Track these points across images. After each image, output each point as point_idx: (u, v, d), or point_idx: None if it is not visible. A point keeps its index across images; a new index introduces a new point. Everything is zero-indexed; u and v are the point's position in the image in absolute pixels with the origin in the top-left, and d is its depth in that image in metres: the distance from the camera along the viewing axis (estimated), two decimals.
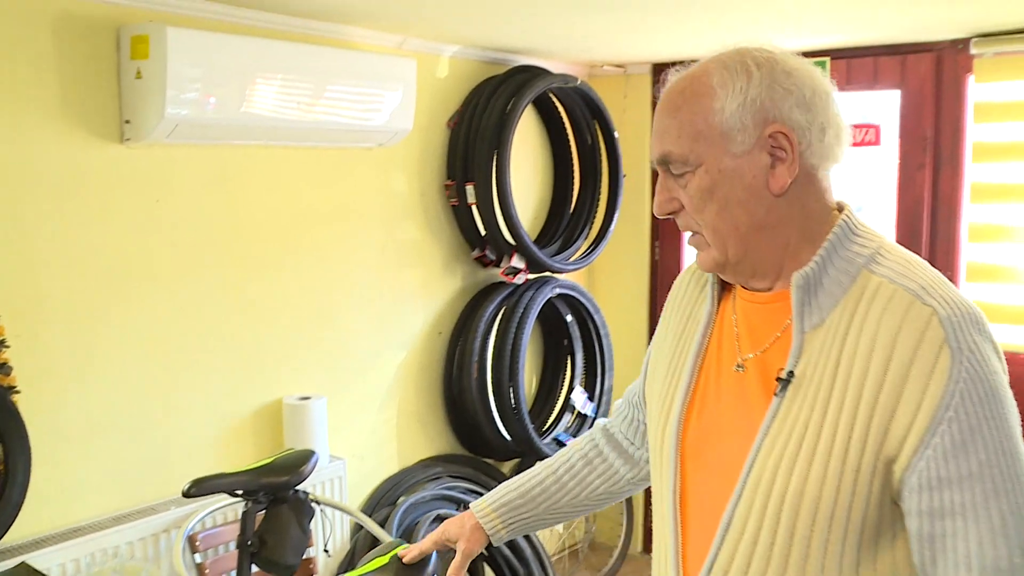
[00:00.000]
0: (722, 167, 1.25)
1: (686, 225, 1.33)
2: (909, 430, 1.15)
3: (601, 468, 1.72)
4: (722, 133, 1.25)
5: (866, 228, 1.31)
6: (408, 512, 3.40)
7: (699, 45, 3.76)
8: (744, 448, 1.28)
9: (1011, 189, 3.47)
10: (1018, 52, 3.35)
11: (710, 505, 1.32)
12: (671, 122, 1.29)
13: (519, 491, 1.70)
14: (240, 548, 2.32)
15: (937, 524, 1.16)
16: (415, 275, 3.71)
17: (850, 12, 2.99)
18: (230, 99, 2.78)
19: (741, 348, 1.35)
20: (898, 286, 1.21)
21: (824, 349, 1.23)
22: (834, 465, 1.19)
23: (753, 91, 1.25)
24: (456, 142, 3.71)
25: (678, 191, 1.30)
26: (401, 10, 2.98)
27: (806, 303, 1.26)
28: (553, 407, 4.25)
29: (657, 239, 4.50)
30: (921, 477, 1.15)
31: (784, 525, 1.22)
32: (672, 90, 1.32)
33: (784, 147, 1.25)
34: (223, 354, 3.05)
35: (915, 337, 1.16)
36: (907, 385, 1.16)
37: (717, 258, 1.31)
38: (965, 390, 1.14)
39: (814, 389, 1.23)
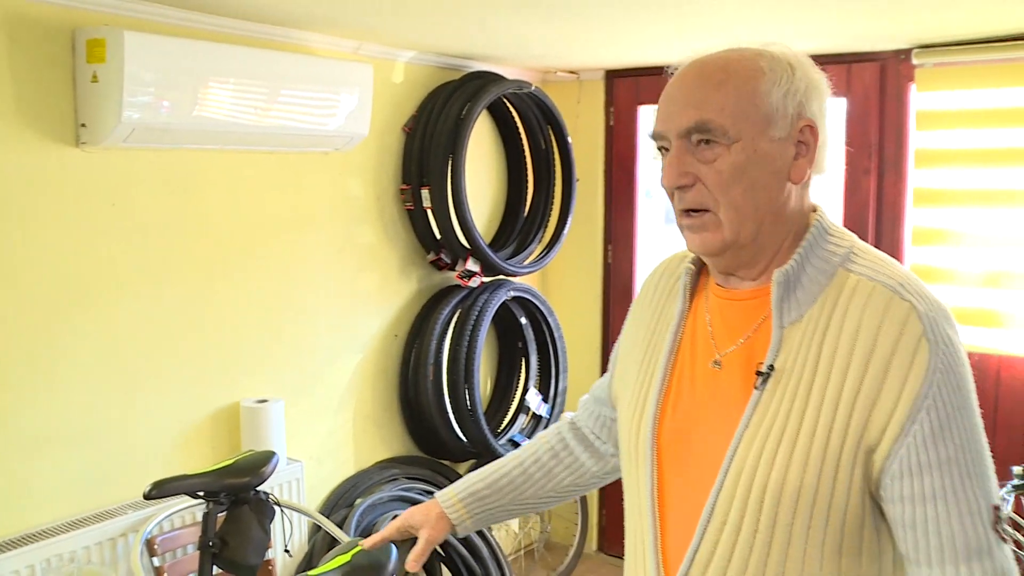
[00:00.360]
0: (758, 148, 1.27)
1: (699, 202, 1.30)
2: (890, 419, 1.20)
3: (567, 461, 1.73)
4: (765, 116, 1.27)
5: (838, 228, 1.36)
6: (366, 513, 3.42)
7: (651, 53, 3.84)
8: (724, 441, 1.30)
9: (952, 194, 3.58)
10: (957, 63, 3.47)
11: (690, 498, 1.34)
12: (713, 93, 1.27)
13: (485, 482, 1.70)
14: (202, 549, 2.33)
15: (919, 509, 1.21)
16: (371, 279, 3.74)
17: (797, 22, 3.07)
18: (185, 103, 2.79)
19: (717, 345, 1.38)
20: (877, 283, 1.26)
21: (803, 344, 1.28)
22: (815, 453, 1.23)
23: (797, 83, 1.29)
24: (412, 147, 3.74)
25: (696, 165, 1.29)
26: (357, 16, 3.01)
27: (785, 299, 1.30)
28: (508, 408, 4.29)
29: (610, 243, 4.56)
30: (903, 464, 1.21)
31: (766, 513, 1.25)
32: (710, 64, 1.31)
33: (808, 142, 1.31)
34: (180, 358, 3.05)
35: (895, 331, 1.22)
36: (888, 376, 1.21)
37: (726, 239, 1.30)
38: (942, 380, 1.20)
39: (794, 382, 1.27)
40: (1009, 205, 3.45)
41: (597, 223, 4.56)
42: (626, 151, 4.47)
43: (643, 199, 4.51)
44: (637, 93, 4.40)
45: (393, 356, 3.87)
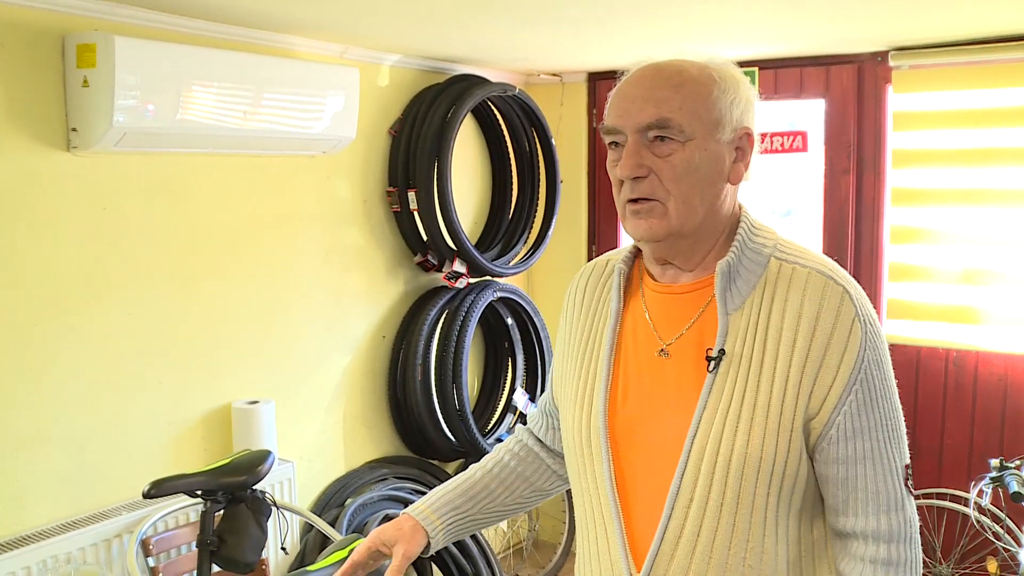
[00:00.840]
0: (708, 148, 1.39)
1: (650, 191, 1.39)
2: (829, 390, 1.35)
3: (535, 464, 1.76)
4: (716, 119, 1.39)
5: (762, 224, 1.49)
6: (356, 513, 3.45)
7: (632, 55, 3.87)
8: (681, 424, 1.39)
9: (929, 193, 3.66)
10: (933, 65, 3.54)
11: (652, 481, 1.42)
12: (672, 94, 1.38)
13: (457, 491, 1.69)
14: (200, 547, 2.36)
15: (850, 469, 1.37)
16: (359, 280, 3.77)
17: (777, 25, 3.12)
18: (172, 107, 2.81)
19: (660, 336, 1.47)
20: (810, 269, 1.40)
21: (748, 328, 1.39)
22: (771, 426, 1.35)
23: (741, 95, 1.42)
24: (398, 150, 3.78)
25: (651, 159, 1.38)
26: (343, 20, 3.04)
27: (727, 288, 1.41)
28: (496, 408, 4.33)
29: (594, 243, 4.61)
30: (839, 430, 1.36)
31: (731, 485, 1.36)
32: (667, 68, 1.41)
33: (745, 148, 1.44)
34: (171, 360, 3.08)
35: (833, 313, 1.36)
36: (828, 353, 1.35)
37: (671, 227, 1.40)
38: (870, 356, 1.36)
39: (744, 363, 1.38)
40: (984, 204, 3.53)
41: (581, 224, 4.61)
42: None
43: None
44: None
45: (381, 357, 3.91)
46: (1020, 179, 3.45)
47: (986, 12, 2.94)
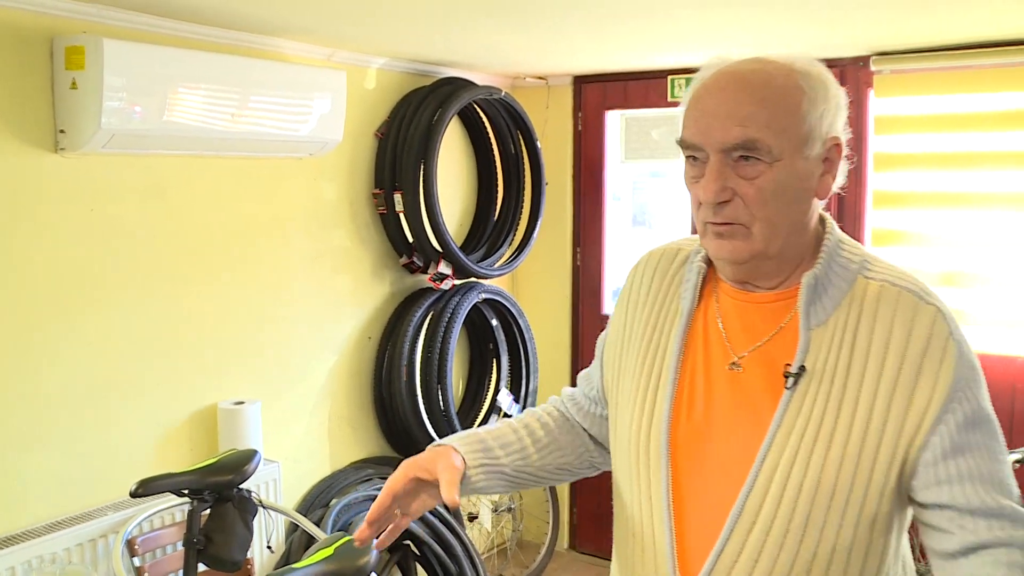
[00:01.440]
0: (797, 166, 1.28)
1: (734, 216, 1.29)
2: (925, 413, 1.25)
3: (571, 436, 1.63)
4: (805, 134, 1.27)
5: (848, 239, 1.40)
6: (342, 513, 3.46)
7: (618, 60, 3.93)
8: (751, 443, 1.30)
9: (909, 196, 3.70)
10: (913, 70, 3.58)
11: (712, 499, 1.32)
12: (758, 110, 1.26)
13: (493, 434, 1.54)
14: (187, 546, 2.37)
15: (954, 489, 1.25)
16: (345, 282, 3.79)
17: (761, 30, 3.16)
18: (163, 109, 2.82)
19: (732, 347, 1.37)
20: (901, 288, 1.30)
21: (832, 346, 1.30)
22: (851, 453, 1.25)
23: (831, 102, 1.30)
24: (384, 152, 3.80)
25: (735, 180, 1.27)
26: (330, 24, 3.06)
27: (812, 302, 1.32)
28: (480, 409, 4.35)
29: (579, 245, 4.64)
30: (935, 450, 1.25)
31: (799, 513, 1.26)
32: (751, 78, 1.29)
33: (833, 159, 1.32)
34: (158, 361, 3.09)
35: (925, 333, 1.27)
36: (921, 375, 1.25)
37: (755, 250, 1.30)
38: (967, 376, 1.26)
39: (826, 383, 1.28)
40: (964, 207, 3.57)
41: (566, 226, 4.63)
42: (594, 155, 4.55)
43: (611, 202, 4.60)
44: (604, 98, 4.49)
45: (367, 358, 3.92)
46: (1000, 182, 3.50)
47: (966, 19, 2.98)
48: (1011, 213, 3.49)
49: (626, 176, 4.71)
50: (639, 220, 4.91)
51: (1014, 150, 3.48)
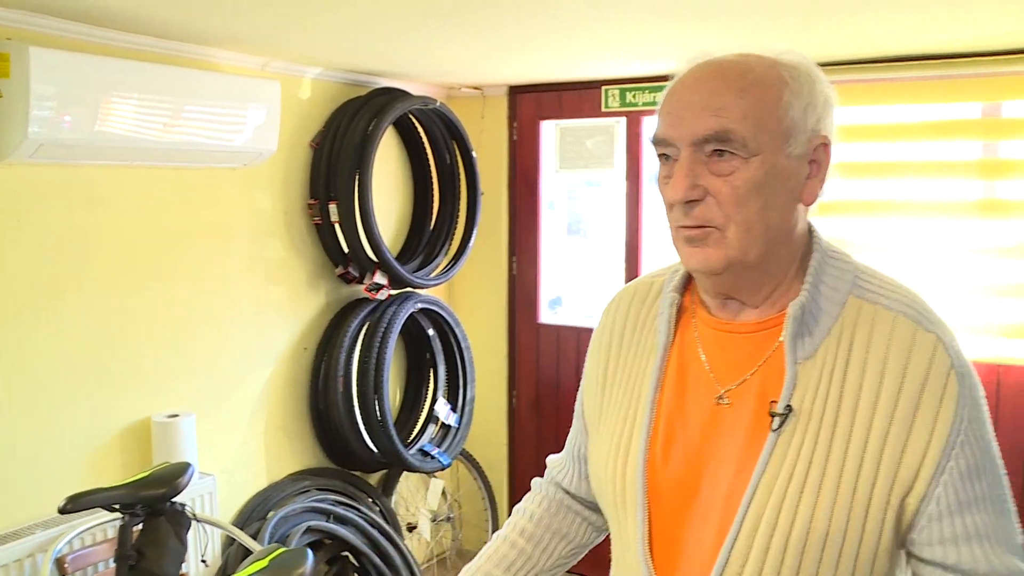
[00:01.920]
0: (776, 164, 1.17)
1: (706, 217, 1.18)
2: (924, 458, 1.13)
3: (568, 518, 1.57)
4: (786, 130, 1.17)
5: (835, 248, 1.28)
6: (279, 525, 3.43)
7: (552, 70, 3.96)
8: (736, 485, 1.20)
9: (840, 205, 3.79)
10: (850, 81, 3.67)
11: (695, 549, 1.23)
12: (735, 100, 1.16)
13: (494, 560, 1.51)
14: (119, 561, 2.34)
15: (963, 549, 1.16)
16: (280, 292, 3.76)
17: (699, 42, 3.21)
18: (89, 119, 2.78)
19: (718, 380, 1.27)
20: (896, 313, 1.18)
21: (822, 381, 1.18)
22: (843, 500, 1.14)
23: (817, 97, 1.21)
24: (319, 162, 3.78)
25: (707, 178, 1.17)
26: (263, 33, 3.05)
27: (799, 334, 1.20)
28: (418, 419, 4.34)
29: (514, 254, 4.66)
30: (940, 504, 1.14)
31: (788, 564, 1.15)
32: (731, 68, 1.20)
33: (821, 161, 1.22)
34: (88, 374, 3.04)
35: (924, 366, 1.14)
36: (918, 414, 1.14)
37: (731, 257, 1.19)
38: (971, 414, 1.15)
39: (815, 422, 1.17)
40: (897, 215, 3.67)
41: (502, 235, 4.66)
42: (529, 165, 4.58)
43: (546, 211, 4.63)
44: (539, 108, 4.52)
45: (303, 368, 3.90)
46: (930, 191, 3.60)
47: (909, 33, 3.07)
48: (941, 221, 3.60)
49: (561, 185, 4.75)
50: (574, 229, 4.95)
51: (943, 160, 3.60)
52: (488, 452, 4.73)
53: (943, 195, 3.59)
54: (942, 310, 1.26)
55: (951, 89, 3.51)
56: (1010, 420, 3.57)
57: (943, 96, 3.53)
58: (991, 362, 3.56)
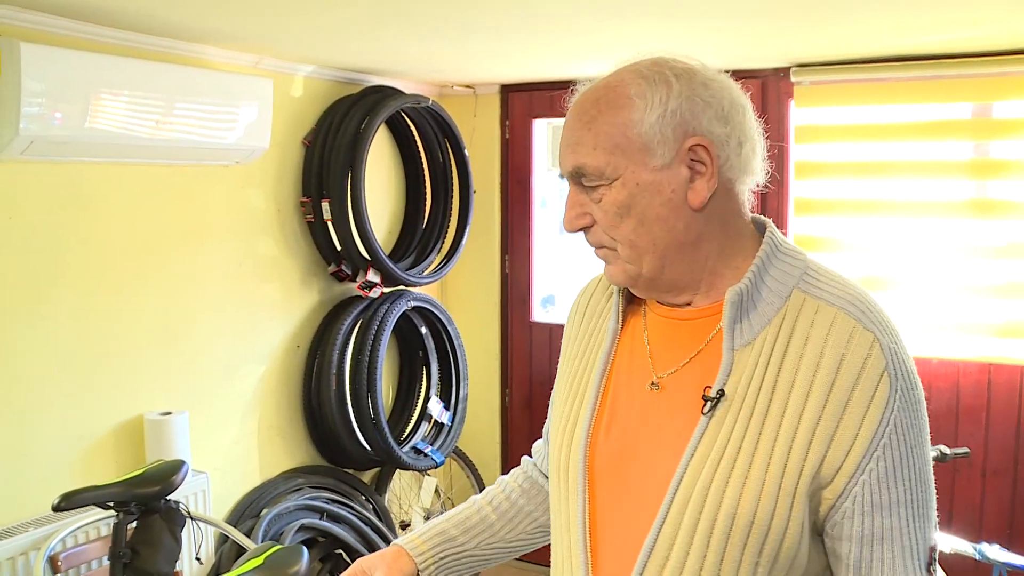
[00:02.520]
0: (640, 181, 1.20)
1: (597, 241, 1.27)
2: (846, 456, 1.15)
3: (539, 498, 1.59)
4: (641, 146, 1.19)
5: (789, 245, 1.30)
6: (272, 523, 3.43)
7: (544, 69, 3.97)
8: (666, 469, 1.22)
9: (829, 204, 3.81)
10: (832, 81, 3.69)
11: (627, 530, 1.25)
12: (585, 134, 1.22)
13: (452, 520, 1.54)
14: (113, 559, 2.34)
15: (866, 550, 1.17)
16: (273, 290, 3.76)
17: (684, 42, 3.22)
18: (82, 116, 2.78)
19: (655, 365, 1.30)
20: (838, 309, 1.19)
21: (757, 368, 1.20)
22: (770, 486, 1.16)
23: (673, 103, 1.20)
24: (312, 160, 3.78)
25: (590, 205, 1.24)
26: (257, 31, 3.04)
27: (737, 320, 1.22)
28: (411, 417, 4.35)
29: (507, 252, 4.67)
30: (856, 503, 1.16)
31: (714, 548, 1.17)
32: (585, 100, 1.25)
33: (704, 160, 1.21)
34: (81, 372, 3.03)
35: (858, 364, 1.16)
36: (847, 411, 1.15)
37: (631, 271, 1.26)
38: (899, 418, 1.15)
39: (747, 409, 1.19)
40: (881, 214, 3.69)
41: (494, 234, 4.66)
42: (521, 163, 4.59)
43: (539, 209, 4.64)
44: (531, 107, 4.53)
45: (296, 367, 3.90)
46: (914, 190, 3.62)
47: (880, 33, 3.08)
48: (925, 220, 3.62)
49: (553, 184, 4.76)
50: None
51: (927, 159, 3.61)
52: (481, 450, 4.74)
53: (934, 195, 3.61)
54: (930, 309, 1.27)
55: (942, 89, 3.53)
56: (1000, 418, 3.59)
57: (934, 96, 3.55)
58: (982, 361, 3.59)
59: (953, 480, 3.67)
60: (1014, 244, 3.49)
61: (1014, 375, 3.55)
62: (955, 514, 3.68)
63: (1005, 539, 3.56)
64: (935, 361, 3.65)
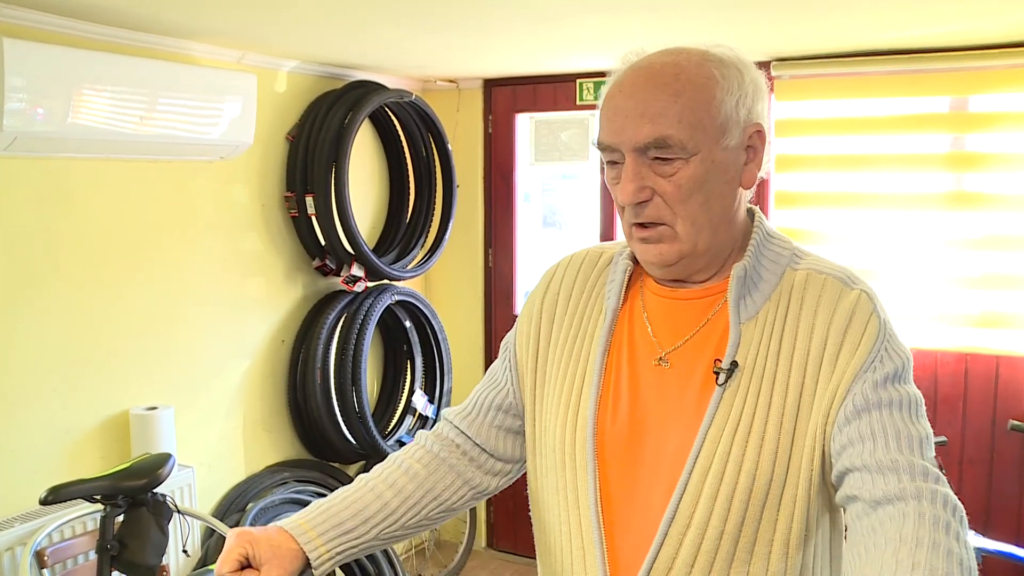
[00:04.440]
0: (715, 159, 1.24)
1: (656, 216, 1.26)
2: (842, 378, 1.21)
3: (446, 470, 1.48)
4: (721, 125, 1.23)
5: (774, 230, 1.37)
6: (258, 517, 3.45)
7: (527, 63, 3.99)
8: (681, 442, 1.26)
9: (809, 196, 3.85)
10: (811, 75, 3.74)
11: (642, 503, 1.28)
12: (670, 105, 1.22)
13: (349, 509, 1.39)
14: (100, 552, 2.35)
15: (866, 446, 1.17)
16: (258, 285, 3.77)
17: (666, 36, 3.25)
18: (65, 111, 2.78)
19: (660, 343, 1.33)
20: (827, 275, 1.29)
21: (763, 340, 1.26)
22: (783, 447, 1.22)
23: (747, 87, 1.26)
24: (295, 155, 3.79)
25: (653, 179, 1.24)
26: (240, 26, 3.05)
27: (742, 296, 1.29)
28: (395, 410, 4.37)
29: (491, 246, 4.69)
30: (847, 409, 1.20)
31: (735, 510, 1.22)
32: (661, 72, 1.25)
33: (756, 146, 1.28)
34: (67, 367, 3.04)
35: (848, 311, 1.25)
36: (843, 348, 1.23)
37: (683, 251, 1.28)
38: (889, 346, 1.23)
39: (757, 377, 1.25)
40: (861, 206, 3.73)
41: (478, 227, 4.68)
42: (505, 157, 4.61)
43: (522, 203, 4.66)
44: (514, 101, 4.55)
45: (281, 361, 3.91)
46: (894, 183, 3.67)
47: (859, 28, 3.12)
48: (904, 212, 3.67)
49: (536, 178, 4.78)
50: (549, 221, 4.98)
51: (905, 152, 3.66)
52: None
53: (912, 187, 3.66)
54: (908, 300, 1.33)
55: (919, 83, 3.57)
56: (977, 408, 3.64)
57: (912, 90, 3.59)
58: (959, 351, 3.64)
59: None
60: (991, 236, 3.54)
61: (990, 365, 3.61)
62: None
63: (981, 525, 3.62)
64: (913, 352, 3.69)
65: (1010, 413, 3.57)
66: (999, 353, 3.57)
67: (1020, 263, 3.50)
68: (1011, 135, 3.50)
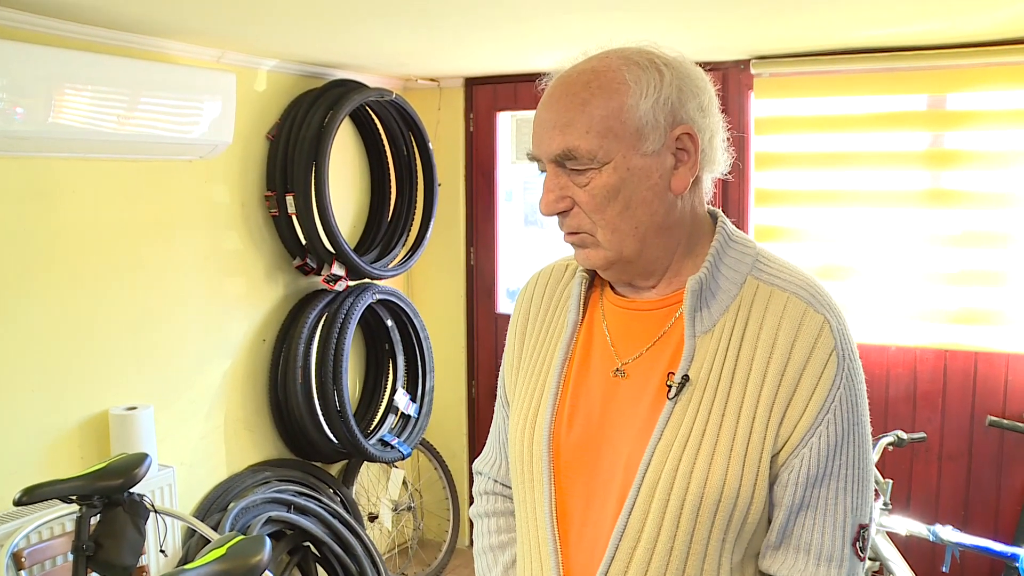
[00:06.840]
0: (631, 166, 1.22)
1: (577, 225, 1.27)
2: (794, 429, 1.21)
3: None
4: (634, 131, 1.21)
5: (741, 235, 1.34)
6: (240, 516, 3.45)
7: (508, 62, 3.99)
8: (633, 453, 1.26)
9: (789, 194, 3.87)
10: (791, 73, 3.75)
11: (596, 515, 1.29)
12: (577, 116, 1.21)
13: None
14: (76, 552, 2.34)
15: (792, 516, 1.24)
16: (238, 284, 3.76)
17: (647, 34, 3.23)
18: (42, 110, 2.77)
19: (618, 353, 1.33)
20: (790, 294, 1.25)
21: (718, 354, 1.25)
22: (734, 464, 1.21)
23: (666, 91, 1.23)
24: (276, 154, 3.78)
25: (572, 189, 1.24)
26: (219, 25, 3.04)
27: (698, 308, 1.26)
28: (377, 409, 4.37)
29: (472, 245, 4.69)
30: (792, 474, 1.22)
31: (684, 526, 1.21)
32: (574, 83, 1.25)
33: (688, 149, 1.24)
34: (45, 367, 3.02)
35: (809, 343, 1.22)
36: (799, 387, 1.21)
37: (609, 257, 1.27)
38: (843, 396, 1.22)
39: (709, 392, 1.24)
40: (839, 203, 3.75)
41: (459, 226, 4.68)
42: (486, 156, 4.61)
43: (503, 202, 4.66)
44: (495, 100, 4.55)
45: (262, 360, 3.90)
46: (871, 181, 3.69)
47: (838, 26, 3.13)
48: (882, 210, 3.69)
49: (517, 176, 4.78)
50: (531, 220, 4.99)
51: (884, 150, 3.68)
52: (448, 441, 4.77)
53: (890, 185, 3.68)
54: (887, 297, 1.32)
55: (898, 81, 3.59)
56: (955, 404, 3.66)
57: (890, 88, 3.61)
58: (938, 347, 3.66)
59: (911, 464, 3.74)
60: (969, 233, 3.57)
61: (968, 362, 3.63)
62: (912, 497, 3.75)
63: (960, 521, 3.64)
64: (893, 348, 3.72)
65: (988, 409, 3.59)
66: (977, 349, 3.60)
67: (998, 260, 3.53)
68: (988, 133, 3.53)
